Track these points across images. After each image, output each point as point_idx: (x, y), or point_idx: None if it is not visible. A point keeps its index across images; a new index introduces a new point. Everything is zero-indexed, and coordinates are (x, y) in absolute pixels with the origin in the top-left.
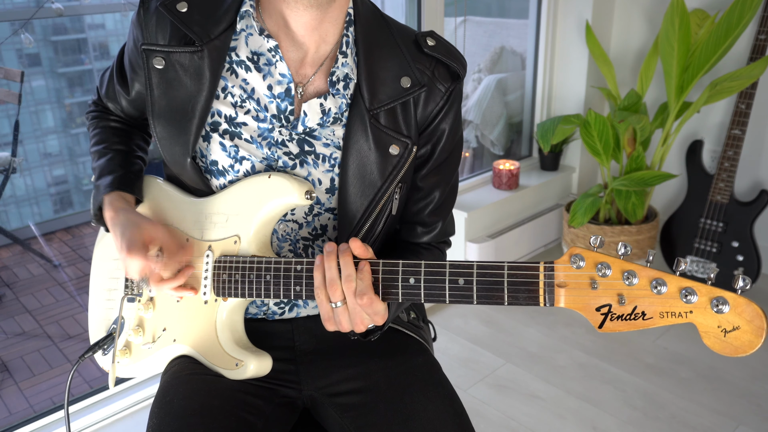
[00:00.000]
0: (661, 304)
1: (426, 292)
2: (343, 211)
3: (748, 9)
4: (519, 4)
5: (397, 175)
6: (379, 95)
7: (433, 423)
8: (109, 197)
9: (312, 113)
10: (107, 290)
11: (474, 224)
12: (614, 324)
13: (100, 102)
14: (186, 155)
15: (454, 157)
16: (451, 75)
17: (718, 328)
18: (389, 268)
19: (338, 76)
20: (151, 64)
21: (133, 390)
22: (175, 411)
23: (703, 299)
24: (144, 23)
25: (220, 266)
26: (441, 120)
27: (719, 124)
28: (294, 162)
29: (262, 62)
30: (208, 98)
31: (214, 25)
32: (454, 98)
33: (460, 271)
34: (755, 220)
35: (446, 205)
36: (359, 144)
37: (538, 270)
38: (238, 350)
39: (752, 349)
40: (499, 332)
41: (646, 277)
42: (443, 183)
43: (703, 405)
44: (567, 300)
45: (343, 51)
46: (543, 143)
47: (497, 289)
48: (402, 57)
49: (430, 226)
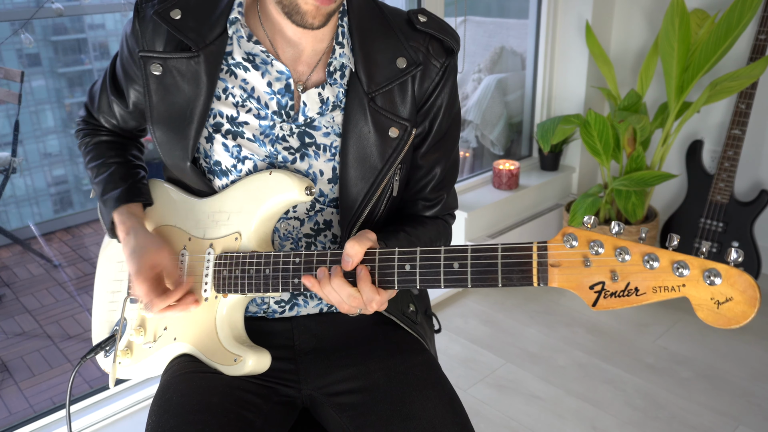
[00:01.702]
0: (653, 279)
1: (421, 278)
2: (345, 195)
3: (748, 9)
4: (519, 4)
5: (397, 157)
6: (377, 78)
7: (433, 422)
8: (119, 214)
9: (311, 103)
10: (111, 292)
11: (474, 224)
12: (608, 301)
13: (90, 119)
14: (186, 159)
15: (452, 132)
16: (445, 50)
17: (711, 300)
18: (385, 257)
19: (335, 66)
20: (148, 70)
21: (134, 390)
22: (173, 408)
23: (695, 272)
24: (140, 32)
25: (221, 263)
26: (437, 96)
27: (719, 124)
28: (294, 156)
29: (258, 61)
30: (206, 103)
31: (208, 30)
32: (449, 73)
33: (454, 255)
34: (755, 220)
35: (448, 180)
36: (359, 127)
37: (531, 250)
38: (236, 346)
39: (746, 320)
40: (499, 332)
41: (638, 253)
42: (444, 159)
43: (703, 405)
44: (560, 279)
45: (340, 42)
46: (543, 143)
47: (491, 271)
48: (396, 38)
49: (434, 200)
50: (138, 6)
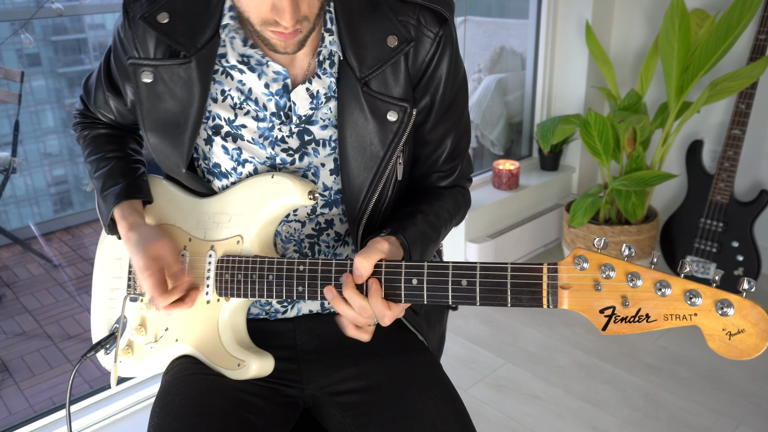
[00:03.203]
0: (665, 307)
1: (429, 293)
2: (348, 189)
3: (748, 9)
4: (519, 4)
5: (399, 141)
6: (367, 60)
7: (434, 422)
8: (120, 210)
9: (300, 100)
10: (110, 290)
11: (474, 224)
12: (618, 326)
13: (87, 112)
14: (181, 166)
15: (459, 100)
16: (438, 19)
17: (723, 331)
18: (392, 269)
19: (324, 54)
20: (139, 78)
21: (134, 390)
22: (175, 411)
23: (707, 302)
24: (132, 34)
25: (223, 266)
26: (435, 68)
27: (719, 124)
28: (293, 158)
29: (253, 63)
30: (200, 109)
31: (199, 34)
32: (446, 42)
33: (463, 272)
34: (755, 220)
35: (460, 148)
36: (354, 116)
37: (541, 271)
38: (240, 350)
39: (757, 353)
40: (499, 332)
41: (650, 279)
42: (453, 129)
43: (703, 405)
44: (570, 302)
45: (329, 28)
46: (543, 143)
47: (500, 290)
48: (384, 15)
49: (447, 171)
50: (126, 6)
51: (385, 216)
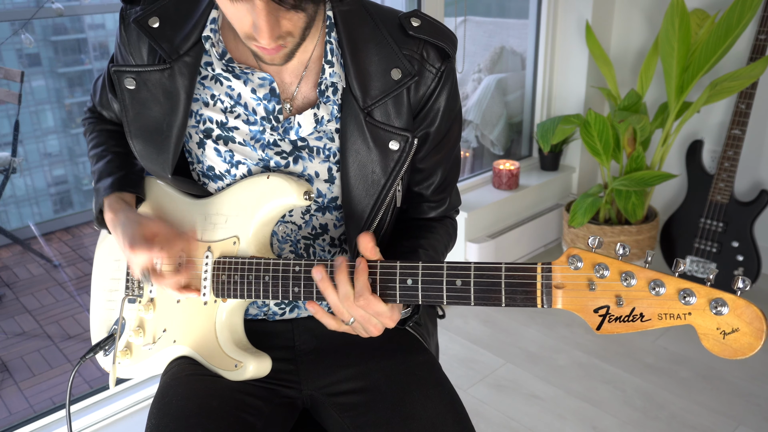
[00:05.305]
0: (659, 306)
1: (423, 293)
2: (350, 212)
3: (748, 9)
4: (519, 4)
5: (401, 170)
6: (371, 91)
7: (433, 422)
8: (109, 200)
9: (306, 123)
10: (108, 291)
11: (474, 224)
12: (612, 326)
13: (95, 109)
14: (166, 171)
15: (453, 133)
16: (441, 55)
17: (717, 330)
18: (387, 270)
19: (326, 84)
20: (123, 85)
21: (133, 390)
22: (173, 412)
23: (701, 301)
24: (127, 39)
25: (219, 267)
26: (434, 101)
27: (719, 124)
28: (287, 160)
29: (237, 71)
30: (184, 116)
31: (183, 40)
32: (446, 77)
33: (457, 272)
34: (755, 220)
35: (450, 181)
36: (357, 145)
37: (535, 271)
38: (237, 351)
39: (751, 352)
40: (499, 332)
41: (644, 278)
42: (444, 161)
43: (703, 405)
44: (564, 301)
45: (329, 60)
46: (543, 143)
47: (495, 290)
48: (389, 47)
49: (438, 202)
50: (123, 12)
51: (383, 242)
